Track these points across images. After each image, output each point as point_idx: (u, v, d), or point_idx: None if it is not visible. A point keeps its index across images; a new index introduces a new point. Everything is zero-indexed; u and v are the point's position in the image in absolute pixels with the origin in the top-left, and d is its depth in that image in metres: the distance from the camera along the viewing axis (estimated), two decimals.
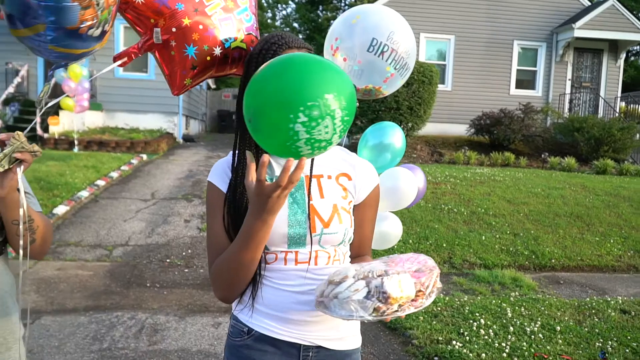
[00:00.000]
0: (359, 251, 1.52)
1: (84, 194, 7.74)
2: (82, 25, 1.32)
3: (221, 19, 1.50)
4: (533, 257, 6.40)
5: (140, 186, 8.66)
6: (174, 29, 1.48)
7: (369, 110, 12.28)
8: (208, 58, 1.50)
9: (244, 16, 1.55)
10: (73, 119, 12.54)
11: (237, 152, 1.39)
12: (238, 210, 1.34)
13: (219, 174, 1.41)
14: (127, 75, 14.25)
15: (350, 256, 1.48)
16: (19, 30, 1.32)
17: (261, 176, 1.13)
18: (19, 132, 1.26)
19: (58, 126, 12.51)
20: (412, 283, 1.17)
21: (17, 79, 13.12)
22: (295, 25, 35.55)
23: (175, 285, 4.99)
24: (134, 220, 6.89)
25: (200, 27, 1.47)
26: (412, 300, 1.18)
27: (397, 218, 2.80)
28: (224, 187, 1.38)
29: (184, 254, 5.87)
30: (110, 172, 9.22)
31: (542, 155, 12.94)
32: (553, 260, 6.36)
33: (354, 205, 1.44)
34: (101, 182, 8.54)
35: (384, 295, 1.14)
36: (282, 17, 38.10)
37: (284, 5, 36.77)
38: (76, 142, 11.76)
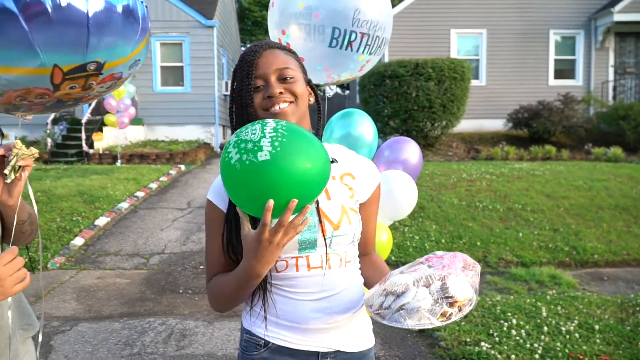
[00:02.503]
0: (365, 249, 1.49)
1: (124, 205, 7.98)
2: None
3: None
4: (574, 253, 6.17)
5: (177, 195, 8.86)
6: None
7: (401, 110, 12.16)
8: None
9: None
10: (116, 134, 12.99)
11: None
12: (238, 234, 1.28)
13: (218, 192, 1.35)
14: (165, 90, 14.65)
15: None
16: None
17: (267, 220, 1.09)
18: (18, 141, 1.31)
19: (102, 142, 12.99)
20: (468, 283, 1.17)
21: None
22: None
23: None
24: (170, 229, 7.05)
25: None
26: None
27: (412, 181, 2.47)
28: (223, 206, 1.34)
29: None
30: (150, 184, 9.47)
31: (586, 147, 12.49)
32: (596, 256, 6.11)
33: (359, 204, 1.42)
34: (140, 194, 8.78)
35: (449, 300, 1.13)
36: None
37: None
38: (119, 156, 12.17)
